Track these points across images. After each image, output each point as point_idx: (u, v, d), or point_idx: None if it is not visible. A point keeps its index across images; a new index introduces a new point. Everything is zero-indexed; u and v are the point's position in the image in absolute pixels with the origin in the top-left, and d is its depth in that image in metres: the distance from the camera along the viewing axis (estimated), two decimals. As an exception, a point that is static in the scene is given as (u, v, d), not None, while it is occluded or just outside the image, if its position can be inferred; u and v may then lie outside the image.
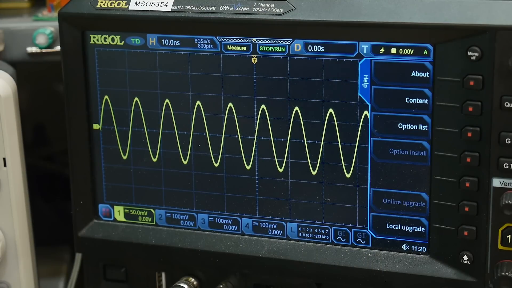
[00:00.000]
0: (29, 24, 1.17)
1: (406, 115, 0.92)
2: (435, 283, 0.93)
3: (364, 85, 0.93)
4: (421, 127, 0.92)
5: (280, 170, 0.98)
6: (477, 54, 0.87)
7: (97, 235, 1.05)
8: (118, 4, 0.99)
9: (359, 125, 0.94)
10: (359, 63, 0.92)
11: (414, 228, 0.94)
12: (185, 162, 1.01)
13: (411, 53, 0.90)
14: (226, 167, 1.00)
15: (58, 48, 1.14)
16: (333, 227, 0.97)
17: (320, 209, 0.97)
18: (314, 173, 0.96)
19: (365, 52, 0.92)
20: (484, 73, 0.87)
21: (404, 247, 0.95)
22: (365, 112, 0.93)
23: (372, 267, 0.95)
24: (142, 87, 1.01)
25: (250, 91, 0.97)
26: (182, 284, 1.02)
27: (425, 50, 0.90)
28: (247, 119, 0.98)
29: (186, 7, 0.96)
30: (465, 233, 0.91)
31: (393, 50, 0.91)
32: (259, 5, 0.94)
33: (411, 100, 0.91)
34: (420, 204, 0.93)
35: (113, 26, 0.99)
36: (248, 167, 0.99)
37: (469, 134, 0.89)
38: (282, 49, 0.94)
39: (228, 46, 0.96)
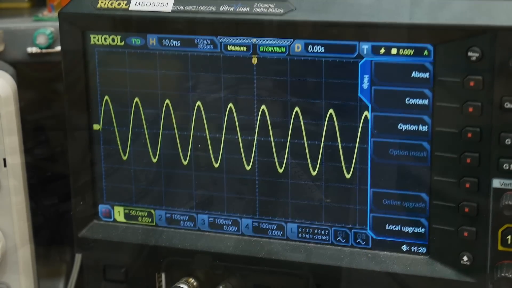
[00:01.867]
0: (30, 24, 1.17)
1: (406, 116, 0.92)
2: (435, 284, 0.93)
3: (364, 85, 0.92)
4: (421, 127, 0.91)
5: (280, 170, 0.98)
6: (477, 55, 0.87)
7: (97, 236, 1.05)
8: (119, 4, 0.99)
9: (359, 125, 0.93)
10: (359, 64, 0.92)
11: (414, 229, 0.94)
12: (185, 163, 1.01)
13: (412, 53, 0.90)
14: (226, 167, 0.99)
15: (58, 48, 1.14)
16: (333, 228, 0.97)
17: (320, 210, 0.97)
18: (314, 173, 0.96)
19: (365, 52, 0.92)
20: (485, 73, 0.87)
21: (404, 248, 0.95)
22: (365, 113, 0.93)
23: (372, 268, 0.95)
24: (142, 88, 1.00)
25: (250, 91, 0.97)
26: (182, 285, 1.02)
27: (426, 51, 0.90)
28: (247, 119, 0.97)
29: (186, 7, 0.96)
30: (465, 234, 0.90)
31: (394, 51, 0.91)
32: (259, 5, 0.94)
33: (411, 101, 0.91)
34: (420, 205, 0.93)
35: (113, 26, 0.99)
36: (248, 168, 0.99)
37: (469, 135, 0.88)
38: (283, 49, 0.94)
39: (228, 46, 0.96)
